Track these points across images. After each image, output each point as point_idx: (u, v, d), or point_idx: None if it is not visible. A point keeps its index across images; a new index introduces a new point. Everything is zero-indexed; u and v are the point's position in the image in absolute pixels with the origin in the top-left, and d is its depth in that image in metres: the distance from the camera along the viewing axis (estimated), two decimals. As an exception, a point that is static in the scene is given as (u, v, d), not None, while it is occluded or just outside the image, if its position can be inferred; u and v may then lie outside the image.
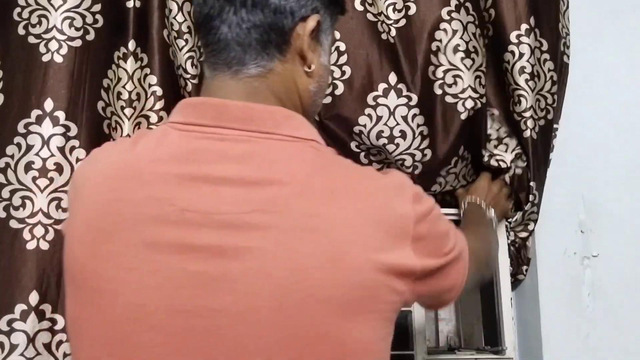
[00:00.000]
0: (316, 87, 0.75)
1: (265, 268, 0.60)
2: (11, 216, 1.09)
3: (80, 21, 1.17)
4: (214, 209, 0.62)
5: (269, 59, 0.69)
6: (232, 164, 0.64)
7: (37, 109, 1.13)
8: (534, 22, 1.31)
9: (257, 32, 0.68)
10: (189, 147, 0.65)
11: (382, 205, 0.65)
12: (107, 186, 0.66)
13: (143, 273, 0.62)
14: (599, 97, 1.46)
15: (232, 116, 0.66)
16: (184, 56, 1.26)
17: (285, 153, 0.66)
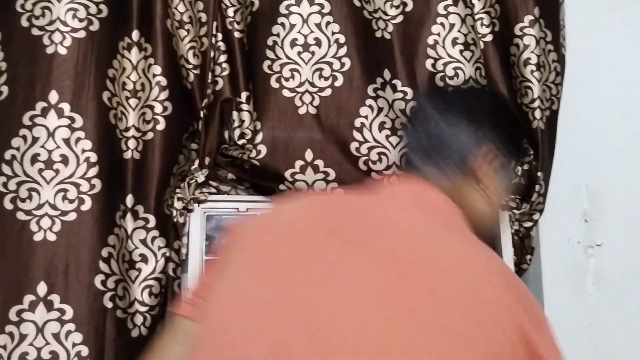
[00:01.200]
0: (486, 207, 0.91)
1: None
2: (18, 208, 1.11)
3: (84, 12, 1.18)
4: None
5: (454, 175, 0.87)
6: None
7: (42, 101, 1.14)
8: (539, 12, 1.33)
9: (447, 159, 0.87)
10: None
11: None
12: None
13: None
14: (601, 86, 1.48)
15: (428, 208, 0.85)
16: (185, 46, 1.28)
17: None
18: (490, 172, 0.90)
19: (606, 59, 1.49)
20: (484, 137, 0.89)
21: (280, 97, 1.27)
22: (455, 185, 0.88)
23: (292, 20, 1.29)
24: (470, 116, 0.90)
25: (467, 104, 0.92)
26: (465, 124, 0.89)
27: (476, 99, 0.93)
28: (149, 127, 1.22)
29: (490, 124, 0.91)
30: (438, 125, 0.89)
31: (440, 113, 0.91)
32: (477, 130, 0.89)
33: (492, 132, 0.90)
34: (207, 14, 1.31)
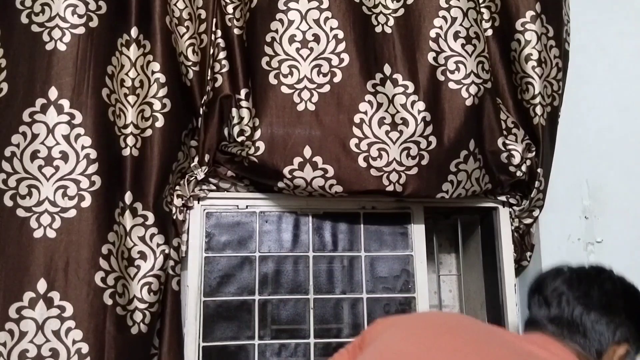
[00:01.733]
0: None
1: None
2: (18, 205, 1.12)
3: (83, 8, 1.19)
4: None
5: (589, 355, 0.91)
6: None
7: (41, 98, 1.15)
8: (540, 8, 1.33)
9: (579, 343, 0.90)
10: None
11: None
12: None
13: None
14: (602, 82, 1.48)
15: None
16: (185, 43, 1.28)
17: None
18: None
19: (607, 55, 1.50)
20: (617, 329, 0.92)
21: (278, 94, 1.27)
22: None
23: (291, 17, 1.29)
24: (608, 308, 0.93)
25: (605, 293, 0.94)
26: (602, 315, 0.92)
27: (611, 287, 0.95)
28: (147, 124, 1.23)
29: (625, 316, 0.94)
30: (575, 311, 0.93)
31: (578, 299, 0.94)
32: (611, 322, 0.92)
33: (626, 324, 0.93)
34: (207, 11, 1.31)
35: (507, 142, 1.33)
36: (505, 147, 1.32)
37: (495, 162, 1.32)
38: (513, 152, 1.32)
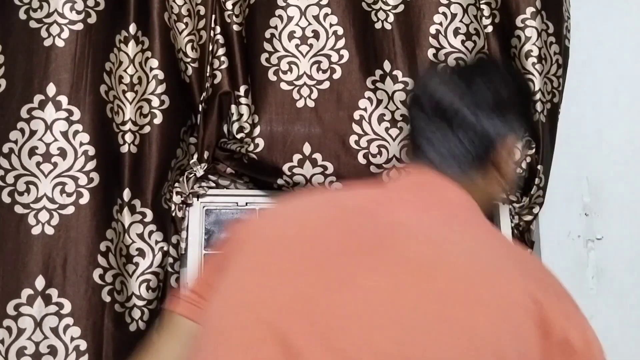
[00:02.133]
0: (505, 190, 0.87)
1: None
2: (16, 201, 1.12)
3: (82, 4, 1.18)
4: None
5: (469, 169, 0.82)
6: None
7: (39, 94, 1.14)
8: (540, 4, 1.33)
9: (463, 147, 0.81)
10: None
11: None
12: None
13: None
14: (601, 79, 1.48)
15: (446, 203, 0.81)
16: (184, 39, 1.28)
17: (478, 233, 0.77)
18: (511, 161, 0.86)
19: (607, 52, 1.49)
20: (506, 126, 0.84)
21: (278, 90, 1.27)
22: (472, 176, 0.83)
23: (290, 13, 1.29)
24: (496, 106, 0.84)
25: (491, 90, 0.84)
26: (490, 114, 0.83)
27: (499, 81, 0.85)
28: (146, 120, 1.22)
29: (514, 111, 0.86)
30: (458, 115, 0.83)
31: (462, 99, 0.83)
32: (501, 120, 0.83)
33: (515, 120, 0.86)
34: (206, 7, 1.31)
35: None
36: None
37: None
38: None
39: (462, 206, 0.80)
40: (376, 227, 0.73)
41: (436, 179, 0.82)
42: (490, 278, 0.68)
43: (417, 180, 0.84)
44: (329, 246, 0.71)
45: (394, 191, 0.83)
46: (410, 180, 0.85)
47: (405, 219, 0.75)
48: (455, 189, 0.81)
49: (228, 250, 0.79)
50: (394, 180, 0.89)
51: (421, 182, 0.83)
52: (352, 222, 0.74)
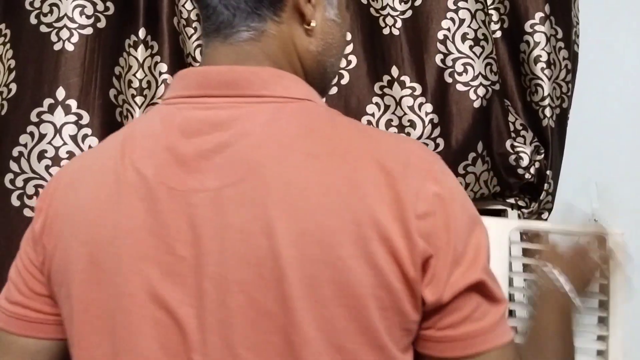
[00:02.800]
0: (321, 45, 0.69)
1: (241, 247, 0.58)
2: (25, 205, 1.12)
3: (91, 9, 1.18)
4: (199, 185, 0.60)
5: (260, 20, 0.65)
6: (217, 133, 0.61)
7: (49, 98, 1.15)
8: (549, 9, 1.32)
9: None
10: (177, 119, 0.64)
11: (391, 168, 0.59)
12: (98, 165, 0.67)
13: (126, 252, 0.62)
14: (610, 83, 1.47)
15: (215, 83, 0.64)
16: (192, 44, 1.28)
17: (271, 116, 0.62)
18: (318, 7, 0.68)
19: (616, 56, 1.48)
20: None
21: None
22: (269, 35, 0.65)
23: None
24: None
25: None
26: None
27: None
28: (155, 124, 1.22)
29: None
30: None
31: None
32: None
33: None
34: (215, 12, 1.31)
35: (515, 145, 1.31)
36: (514, 150, 1.31)
37: (504, 164, 1.31)
38: (521, 154, 1.31)
39: (250, 84, 0.64)
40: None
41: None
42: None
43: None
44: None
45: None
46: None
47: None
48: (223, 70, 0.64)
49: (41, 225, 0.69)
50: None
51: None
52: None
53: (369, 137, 0.63)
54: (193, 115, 0.63)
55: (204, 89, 0.64)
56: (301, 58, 0.68)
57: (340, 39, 0.72)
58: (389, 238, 0.56)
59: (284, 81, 0.64)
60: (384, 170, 0.58)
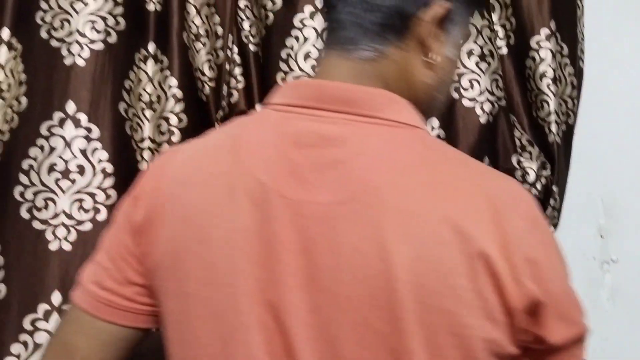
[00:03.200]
0: (436, 79, 0.70)
1: (354, 266, 0.59)
2: (34, 217, 1.12)
3: (102, 24, 1.19)
4: (311, 197, 0.61)
5: (384, 43, 0.67)
6: (332, 148, 0.63)
7: (59, 112, 1.15)
8: (555, 26, 1.33)
9: (376, 14, 0.66)
10: (291, 129, 0.65)
11: (497, 208, 0.60)
12: (202, 168, 0.68)
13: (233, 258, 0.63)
14: (616, 98, 1.47)
15: (332, 97, 0.65)
16: (201, 59, 1.28)
17: (384, 139, 0.63)
18: (441, 36, 0.69)
19: (622, 71, 1.48)
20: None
21: (293, 109, 1.27)
22: (389, 59, 0.67)
23: (306, 34, 1.29)
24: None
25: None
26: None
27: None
28: (164, 138, 1.23)
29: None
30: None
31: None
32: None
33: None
34: (224, 28, 1.31)
35: (521, 160, 1.31)
36: (520, 165, 1.31)
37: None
38: (528, 170, 1.31)
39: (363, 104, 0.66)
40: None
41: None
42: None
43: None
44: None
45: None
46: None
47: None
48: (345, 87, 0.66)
49: (136, 218, 0.71)
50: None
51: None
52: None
53: (479, 172, 0.65)
54: (307, 126, 0.65)
55: (319, 102, 0.65)
56: (414, 87, 0.70)
57: (452, 77, 0.75)
58: (498, 276, 0.58)
59: (397, 106, 0.66)
60: (493, 208, 0.60)
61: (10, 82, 1.19)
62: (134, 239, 0.71)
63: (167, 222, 0.68)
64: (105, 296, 0.73)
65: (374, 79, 0.67)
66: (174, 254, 0.66)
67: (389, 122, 0.64)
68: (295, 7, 1.29)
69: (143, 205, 0.70)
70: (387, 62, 0.67)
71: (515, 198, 0.63)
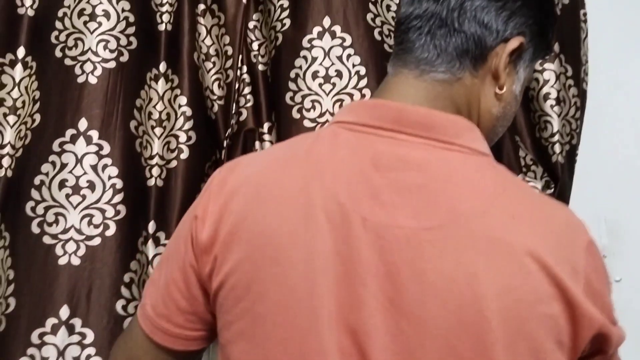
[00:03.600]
0: (500, 112, 0.72)
1: (441, 292, 0.58)
2: (45, 232, 1.12)
3: (115, 43, 1.21)
4: (393, 221, 0.61)
5: (460, 68, 0.68)
6: (412, 172, 0.63)
7: (71, 128, 1.16)
8: (559, 48, 1.33)
9: (457, 39, 0.67)
10: (369, 150, 0.64)
11: (563, 237, 0.62)
12: (275, 182, 0.66)
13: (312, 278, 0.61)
14: (619, 119, 1.47)
15: (411, 121, 0.65)
16: (211, 78, 1.30)
17: (464, 166, 0.64)
18: (512, 72, 0.72)
19: (626, 92, 1.48)
20: (515, 26, 0.69)
21: (301, 128, 1.27)
22: (462, 84, 0.69)
23: (314, 54, 1.30)
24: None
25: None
26: (496, 5, 0.68)
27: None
28: (173, 155, 1.24)
29: (528, 7, 0.70)
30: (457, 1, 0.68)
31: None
32: (509, 16, 0.69)
33: (527, 18, 0.70)
34: (233, 48, 1.32)
35: (527, 179, 1.32)
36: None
37: None
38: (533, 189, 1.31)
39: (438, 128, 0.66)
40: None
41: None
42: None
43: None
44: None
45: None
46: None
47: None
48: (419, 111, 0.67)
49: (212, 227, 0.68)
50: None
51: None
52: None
53: (544, 202, 0.66)
54: (387, 149, 0.64)
55: (398, 125, 0.65)
56: (480, 115, 0.71)
57: (514, 113, 0.76)
58: (572, 303, 0.60)
59: (473, 134, 0.67)
60: (562, 238, 0.62)
61: (24, 99, 1.21)
62: (200, 257, 0.69)
63: (239, 240, 0.65)
64: (160, 323, 0.74)
65: (447, 102, 0.68)
66: (248, 273, 0.64)
67: (463, 148, 0.65)
68: (305, 28, 1.30)
69: (209, 224, 0.68)
70: (460, 86, 0.68)
71: (575, 230, 0.64)
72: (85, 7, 1.21)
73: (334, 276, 0.60)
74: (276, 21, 1.32)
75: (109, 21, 1.21)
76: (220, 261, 0.67)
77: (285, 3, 1.31)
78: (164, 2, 1.30)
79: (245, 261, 0.65)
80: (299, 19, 1.30)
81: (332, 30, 1.29)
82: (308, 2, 1.30)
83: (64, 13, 1.21)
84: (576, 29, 1.39)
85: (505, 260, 0.59)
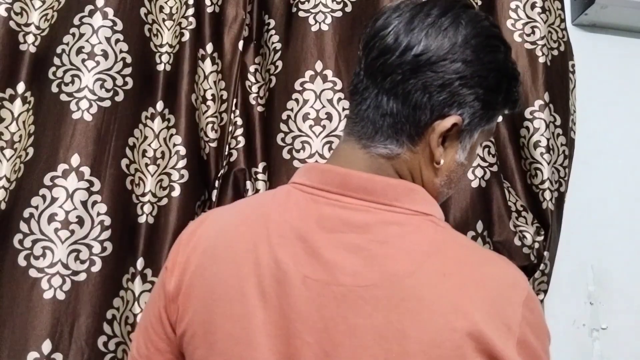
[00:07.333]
0: (445, 180, 0.70)
1: (372, 347, 0.58)
2: (31, 265, 1.04)
3: (111, 83, 1.14)
4: (333, 279, 0.61)
5: (398, 145, 0.67)
6: (353, 234, 0.63)
7: (64, 163, 1.08)
8: (549, 97, 1.26)
9: (391, 119, 0.66)
10: (315, 212, 0.65)
11: (498, 293, 0.60)
12: (230, 235, 0.68)
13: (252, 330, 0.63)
14: (607, 168, 1.39)
15: (355, 185, 0.65)
16: (205, 120, 1.22)
17: (402, 228, 0.63)
18: (454, 143, 0.68)
19: (611, 141, 1.41)
20: (453, 104, 0.65)
21: (291, 168, 1.19)
22: (401, 159, 0.67)
23: (306, 96, 1.22)
24: (443, 69, 0.64)
25: (448, 49, 0.64)
26: (433, 85, 0.64)
27: (453, 30, 0.64)
28: (164, 193, 1.15)
29: (468, 86, 0.65)
30: (402, 77, 0.64)
31: (407, 57, 0.64)
32: (446, 95, 0.64)
33: (467, 96, 0.65)
34: (228, 92, 1.25)
35: (518, 224, 1.22)
36: (516, 229, 1.22)
37: (509, 245, 1.21)
38: (525, 234, 1.22)
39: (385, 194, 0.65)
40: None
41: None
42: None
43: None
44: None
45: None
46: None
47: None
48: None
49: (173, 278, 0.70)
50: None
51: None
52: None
53: (482, 257, 0.65)
54: (331, 212, 0.65)
55: (342, 189, 0.66)
56: (424, 184, 0.69)
57: (462, 176, 0.73)
58: (496, 355, 0.57)
59: (414, 195, 0.66)
60: (495, 293, 0.60)
61: (21, 133, 1.14)
62: (168, 306, 0.71)
63: (197, 293, 0.67)
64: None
65: (390, 171, 0.67)
66: (204, 324, 0.66)
67: (403, 209, 0.64)
68: (297, 72, 1.23)
69: (175, 275, 0.70)
70: (401, 160, 0.67)
71: (512, 285, 0.61)
72: (84, 45, 1.14)
73: (274, 330, 0.61)
74: (270, 64, 1.26)
75: (107, 61, 1.14)
76: (182, 311, 0.69)
77: (279, 45, 1.24)
78: (164, 44, 1.23)
79: (200, 313, 0.67)
80: (292, 62, 1.23)
81: (324, 74, 1.22)
82: (301, 46, 1.23)
83: (62, 50, 1.14)
84: (565, 79, 1.32)
85: (431, 317, 0.58)
